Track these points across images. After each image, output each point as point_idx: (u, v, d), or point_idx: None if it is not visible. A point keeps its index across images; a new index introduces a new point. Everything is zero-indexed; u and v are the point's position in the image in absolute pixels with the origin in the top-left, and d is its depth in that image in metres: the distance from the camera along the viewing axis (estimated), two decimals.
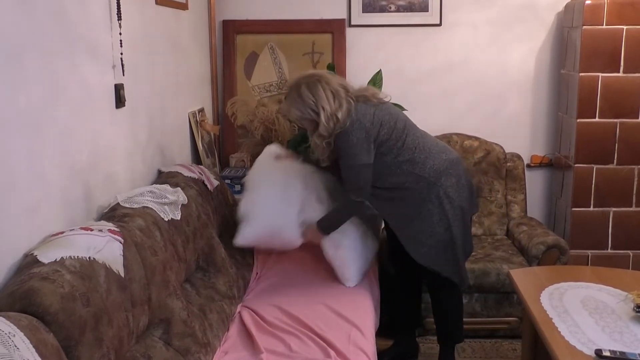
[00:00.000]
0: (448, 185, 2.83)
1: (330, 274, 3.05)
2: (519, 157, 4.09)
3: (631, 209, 3.79)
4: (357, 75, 4.03)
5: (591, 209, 3.80)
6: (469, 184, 2.98)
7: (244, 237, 3.03)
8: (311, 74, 2.81)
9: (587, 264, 3.79)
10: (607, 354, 2.11)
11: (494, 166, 4.00)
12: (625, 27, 3.59)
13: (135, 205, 2.38)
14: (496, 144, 4.03)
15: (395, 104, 3.26)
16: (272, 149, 3.23)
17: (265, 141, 3.91)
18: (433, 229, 2.82)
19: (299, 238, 3.04)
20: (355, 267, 3.01)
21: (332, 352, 2.38)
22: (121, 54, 2.56)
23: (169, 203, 2.53)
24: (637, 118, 3.69)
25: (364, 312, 2.79)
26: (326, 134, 2.71)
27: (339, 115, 2.68)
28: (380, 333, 2.84)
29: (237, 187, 3.43)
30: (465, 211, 2.92)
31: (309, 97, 2.69)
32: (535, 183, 4.27)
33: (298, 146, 3.70)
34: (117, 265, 1.95)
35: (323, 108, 2.66)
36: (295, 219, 3.01)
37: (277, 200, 3.03)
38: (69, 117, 2.17)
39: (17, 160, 1.84)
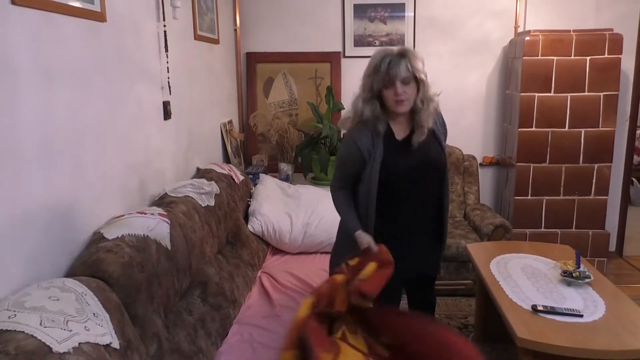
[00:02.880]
0: None
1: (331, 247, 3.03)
2: (474, 157, 4.08)
3: (559, 197, 3.77)
4: (350, 96, 3.97)
5: (529, 197, 3.79)
6: None
7: (252, 226, 3.02)
8: None
9: (526, 240, 3.77)
10: (541, 308, 2.12)
11: (454, 165, 3.99)
12: (555, 58, 3.57)
13: (179, 195, 2.37)
14: (456, 147, 4.01)
15: None
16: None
17: (279, 145, 3.91)
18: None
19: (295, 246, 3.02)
20: None
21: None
22: (168, 77, 2.55)
23: (205, 193, 2.53)
24: (564, 128, 3.66)
25: None
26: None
27: None
28: None
29: (258, 181, 3.42)
30: None
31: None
32: (486, 177, 4.25)
33: (303, 150, 3.69)
34: (165, 240, 1.95)
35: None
36: (288, 225, 3.02)
37: (277, 207, 3.05)
38: (127, 127, 2.16)
39: (87, 160, 1.84)
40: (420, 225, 2.19)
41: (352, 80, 4.03)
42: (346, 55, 4.10)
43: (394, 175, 2.08)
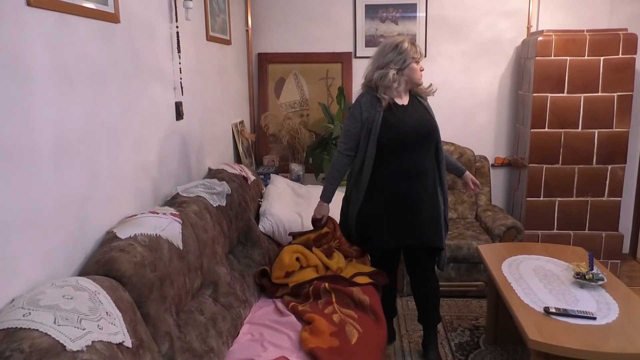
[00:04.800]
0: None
1: None
2: (485, 158, 4.05)
3: (572, 198, 3.74)
4: None
5: (541, 198, 3.76)
6: None
7: (263, 226, 3.01)
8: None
9: (538, 241, 3.75)
10: (553, 310, 2.10)
11: (466, 165, 3.96)
12: (568, 58, 3.55)
13: (191, 195, 2.38)
14: (468, 148, 3.99)
15: None
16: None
17: (290, 146, 3.91)
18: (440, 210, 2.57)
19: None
20: None
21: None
22: (180, 78, 2.56)
23: (217, 193, 2.53)
24: (577, 128, 3.64)
25: None
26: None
27: None
28: None
29: (269, 181, 3.42)
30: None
31: None
32: (498, 178, 4.23)
33: (314, 150, 3.70)
34: (177, 240, 1.96)
35: None
36: (299, 226, 3.00)
37: (288, 207, 3.05)
38: (140, 127, 2.18)
39: (101, 160, 1.85)
40: (416, 192, 2.50)
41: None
42: (357, 55, 4.09)
43: (396, 132, 2.45)
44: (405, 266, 2.75)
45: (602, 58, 3.52)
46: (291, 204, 3.14)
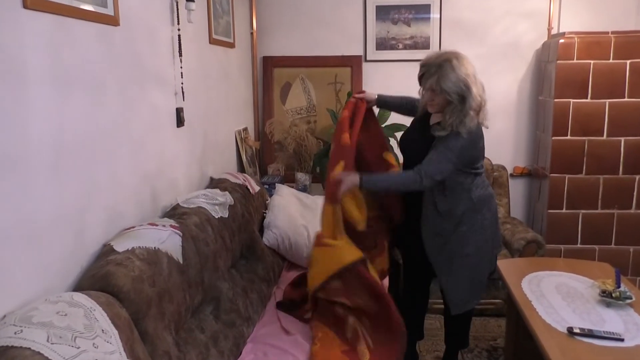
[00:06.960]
0: (486, 217, 2.45)
1: None
2: (504, 168, 4.04)
3: (597, 211, 3.72)
4: None
5: (564, 210, 3.74)
6: (497, 221, 2.58)
7: (267, 239, 3.01)
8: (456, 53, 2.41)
9: (561, 256, 3.72)
10: (577, 330, 2.08)
11: None
12: (592, 62, 3.54)
13: (192, 206, 2.39)
14: (485, 157, 3.98)
15: (402, 125, 3.23)
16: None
17: (297, 154, 3.92)
18: (463, 250, 2.43)
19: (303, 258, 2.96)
20: None
21: None
22: (182, 83, 2.58)
23: (219, 204, 2.54)
24: (602, 136, 3.62)
25: None
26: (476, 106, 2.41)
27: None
28: None
29: (274, 191, 3.43)
30: (489, 243, 2.50)
31: (462, 71, 2.36)
32: (517, 189, 4.21)
33: (322, 159, 3.70)
34: (177, 254, 1.96)
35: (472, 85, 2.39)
36: (305, 239, 3.00)
37: (294, 219, 3.05)
38: (140, 134, 2.19)
39: (99, 168, 1.87)
40: (414, 206, 2.51)
41: (374, 85, 4.07)
42: (368, 59, 4.11)
43: (403, 138, 2.69)
44: None
45: (628, 61, 3.51)
46: (297, 216, 3.14)
